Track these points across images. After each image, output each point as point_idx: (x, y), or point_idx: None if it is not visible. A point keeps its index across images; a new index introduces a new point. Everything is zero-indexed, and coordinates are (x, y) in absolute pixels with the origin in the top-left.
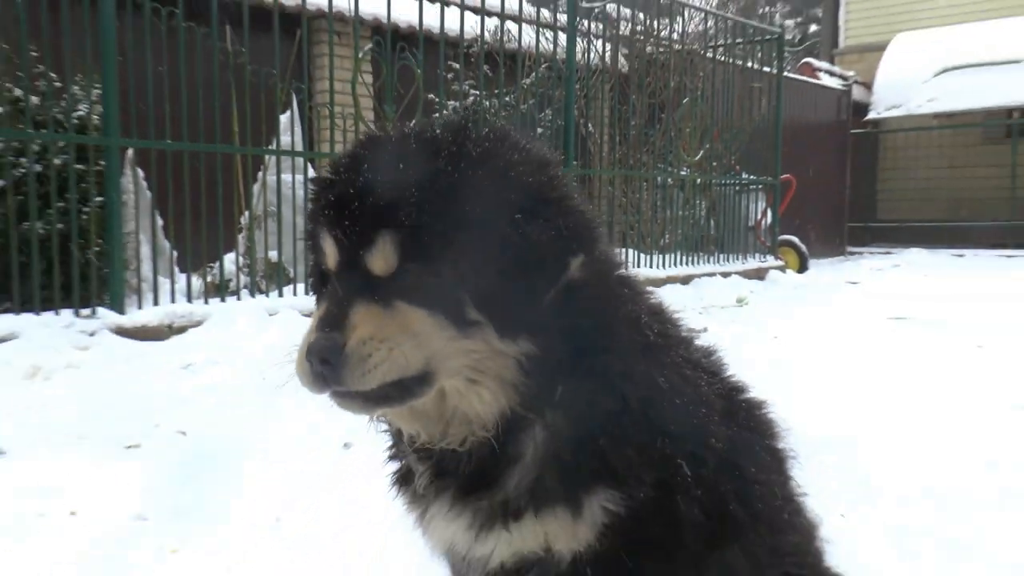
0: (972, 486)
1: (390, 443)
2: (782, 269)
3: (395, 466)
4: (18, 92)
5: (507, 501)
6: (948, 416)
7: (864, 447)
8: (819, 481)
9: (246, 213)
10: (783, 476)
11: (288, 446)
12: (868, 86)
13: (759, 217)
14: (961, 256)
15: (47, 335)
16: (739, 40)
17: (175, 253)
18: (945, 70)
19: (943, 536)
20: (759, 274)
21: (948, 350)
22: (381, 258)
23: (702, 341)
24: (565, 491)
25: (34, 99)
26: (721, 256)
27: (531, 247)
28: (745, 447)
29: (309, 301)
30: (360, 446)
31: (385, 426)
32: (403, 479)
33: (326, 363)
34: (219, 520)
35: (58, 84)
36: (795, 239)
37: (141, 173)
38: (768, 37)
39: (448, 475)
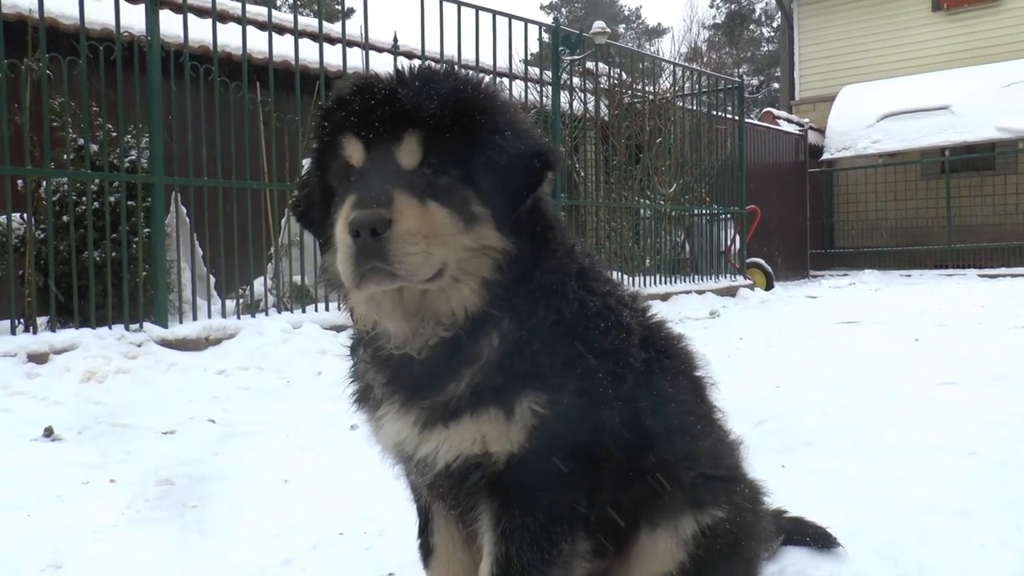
0: (900, 442)
1: (350, 367)
2: (751, 287)
3: (355, 387)
4: (81, 141)
5: (448, 403)
6: (884, 390)
7: (807, 416)
8: (764, 441)
9: (275, 243)
10: (700, 398)
11: (303, 430)
12: (821, 131)
13: (729, 243)
14: (908, 276)
15: (101, 345)
16: (704, 89)
17: (212, 278)
18: (886, 116)
19: (868, 479)
20: (730, 292)
21: (889, 343)
22: (408, 152)
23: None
24: (500, 393)
25: (94, 147)
26: (696, 276)
27: (521, 156)
28: (661, 370)
29: (330, 317)
30: (363, 428)
31: (352, 340)
32: (362, 395)
33: (376, 235)
34: (235, 483)
35: (113, 134)
36: (762, 261)
37: (183, 209)
38: (730, 86)
39: (400, 380)
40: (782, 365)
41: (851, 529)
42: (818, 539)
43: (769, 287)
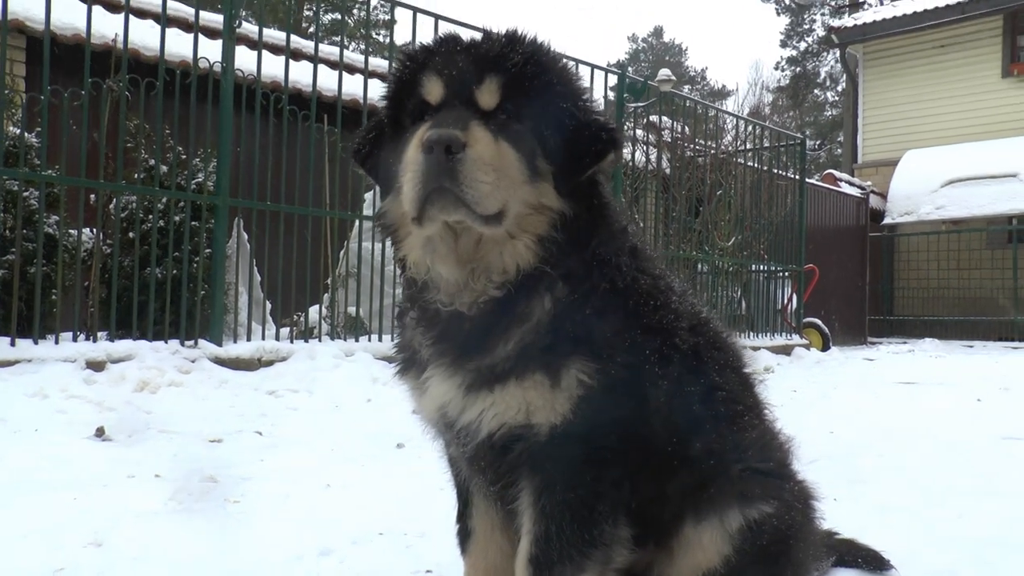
0: (959, 485)
1: (396, 337)
2: (807, 347)
3: (401, 356)
4: (152, 162)
5: (494, 365)
6: (944, 440)
7: (861, 458)
8: (816, 477)
9: (333, 273)
10: (748, 391)
11: (349, 444)
12: (883, 195)
13: (786, 301)
14: (971, 347)
15: (156, 358)
16: (766, 145)
17: (268, 304)
18: (950, 182)
19: (924, 514)
20: (785, 350)
21: (949, 402)
22: (488, 93)
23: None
24: (548, 355)
25: (163, 168)
26: (751, 333)
27: (589, 126)
28: (709, 359)
29: (382, 347)
30: (410, 447)
31: (400, 306)
32: (407, 364)
33: (449, 153)
34: (278, 484)
35: (183, 157)
36: (819, 321)
37: (244, 235)
38: (792, 143)
39: (448, 339)
40: (836, 414)
41: (906, 556)
42: (870, 561)
43: (825, 348)
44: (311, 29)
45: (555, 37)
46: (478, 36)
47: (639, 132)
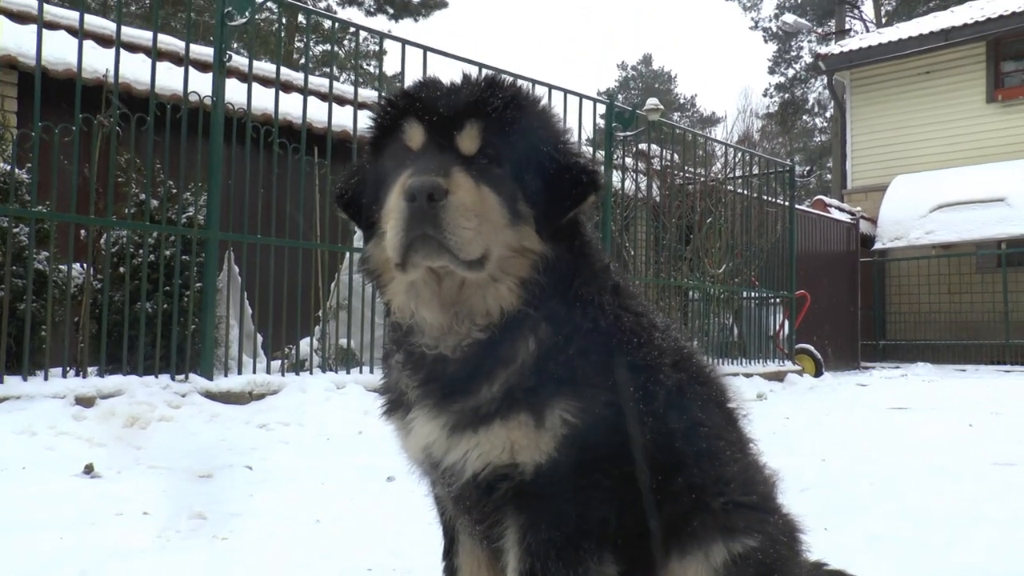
0: (950, 511)
1: (382, 378)
2: (799, 373)
3: (386, 397)
4: (143, 196)
5: (479, 407)
6: (935, 466)
7: (852, 485)
8: (807, 507)
9: (324, 305)
10: (731, 425)
11: (339, 478)
12: (873, 221)
13: (778, 327)
14: (963, 370)
15: (146, 393)
16: (755, 172)
17: (260, 337)
18: (939, 207)
19: (914, 541)
20: (778, 376)
21: (940, 427)
22: (469, 139)
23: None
24: (532, 397)
25: (154, 202)
26: (744, 360)
27: (570, 169)
28: (693, 394)
29: (374, 379)
30: (401, 480)
31: (385, 349)
32: (393, 404)
33: (432, 200)
34: (267, 520)
35: (174, 191)
36: (811, 347)
37: (235, 268)
38: (781, 170)
39: (434, 381)
40: (829, 441)
41: None
42: None
43: (818, 374)
44: (302, 60)
45: (554, 37)
46: (458, 80)
47: (628, 160)
